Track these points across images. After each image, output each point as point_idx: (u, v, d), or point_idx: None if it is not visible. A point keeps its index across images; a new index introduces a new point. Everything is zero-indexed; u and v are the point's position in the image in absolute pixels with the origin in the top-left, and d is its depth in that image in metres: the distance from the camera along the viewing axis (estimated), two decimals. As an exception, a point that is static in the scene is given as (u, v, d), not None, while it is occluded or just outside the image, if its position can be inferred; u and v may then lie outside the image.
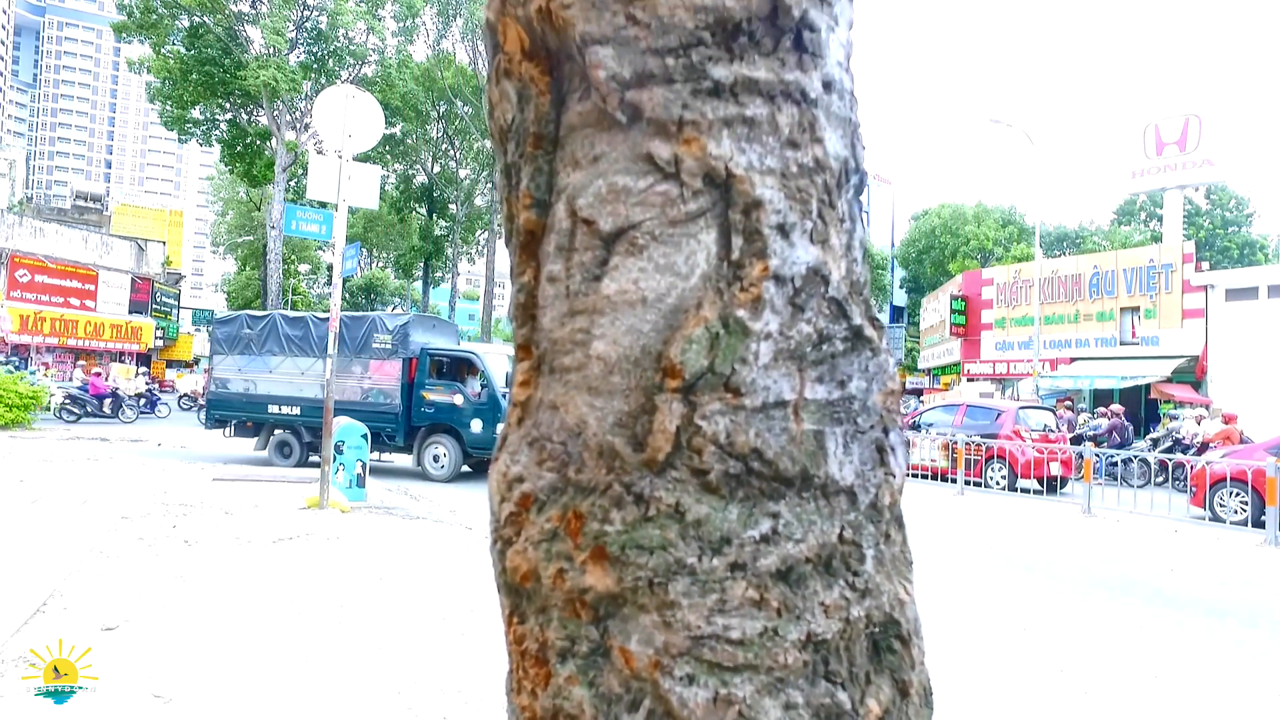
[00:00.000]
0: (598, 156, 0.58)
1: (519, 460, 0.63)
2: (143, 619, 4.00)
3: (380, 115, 7.89)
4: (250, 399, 12.34)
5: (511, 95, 0.63)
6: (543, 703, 0.60)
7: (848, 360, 0.60)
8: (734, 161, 0.56)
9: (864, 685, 0.59)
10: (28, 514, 6.52)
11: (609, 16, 0.54)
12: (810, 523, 0.58)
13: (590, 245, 0.58)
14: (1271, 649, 4.75)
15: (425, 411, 11.29)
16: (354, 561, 5.53)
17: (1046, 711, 3.63)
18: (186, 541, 5.88)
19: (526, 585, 0.62)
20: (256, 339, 12.42)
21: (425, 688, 3.32)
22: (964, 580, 6.31)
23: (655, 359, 0.56)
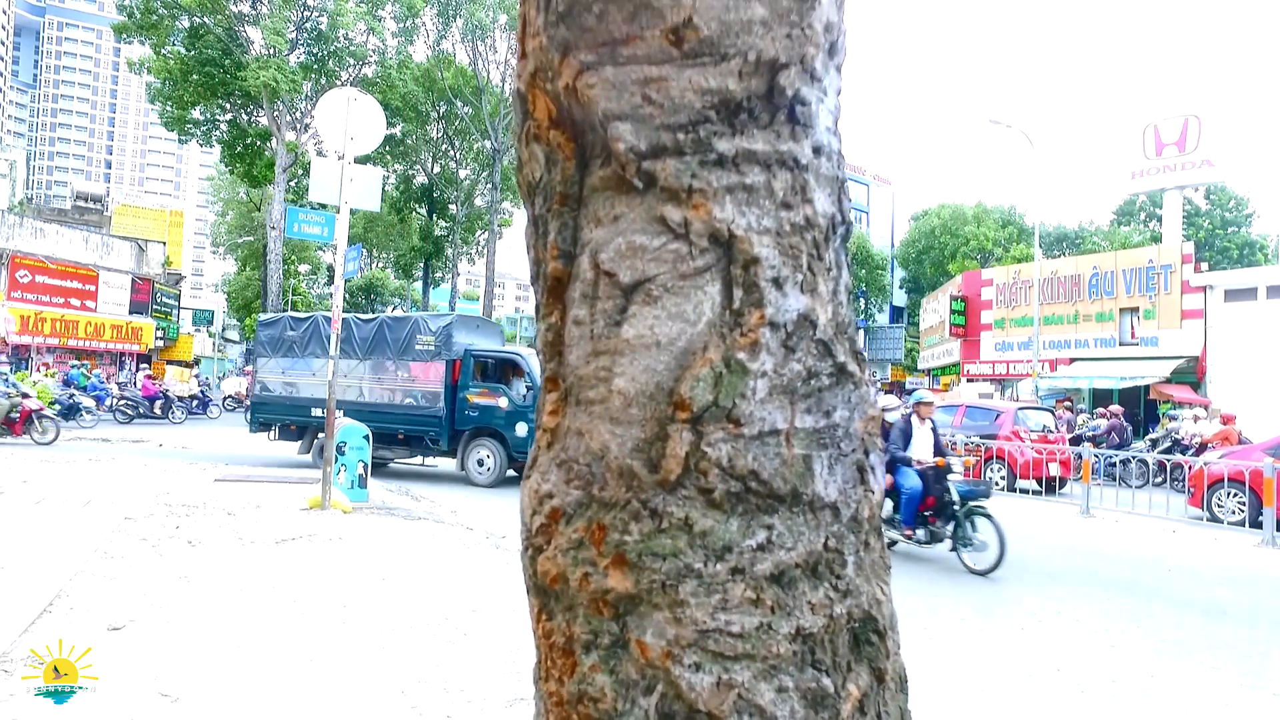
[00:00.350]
0: (618, 216, 0.66)
1: (549, 479, 0.72)
2: (148, 619, 4.03)
3: (382, 118, 7.93)
4: (293, 402, 12.17)
5: (540, 157, 0.71)
6: (569, 689, 0.68)
7: (833, 393, 0.68)
8: (735, 223, 0.64)
9: (845, 672, 0.68)
10: (32, 514, 6.55)
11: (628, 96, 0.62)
12: (800, 533, 0.68)
13: (611, 294, 0.66)
14: (1268, 649, 4.79)
15: (469, 415, 10.96)
16: (356, 562, 5.56)
17: (1043, 710, 3.67)
18: (190, 542, 5.91)
19: (555, 587, 0.70)
20: (299, 341, 12.29)
21: (429, 687, 3.35)
22: (961, 580, 6.34)
23: (668, 394, 0.65)
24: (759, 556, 0.66)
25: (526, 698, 3.29)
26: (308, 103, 39.98)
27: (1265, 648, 4.81)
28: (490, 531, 7.40)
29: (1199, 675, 4.26)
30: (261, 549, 5.79)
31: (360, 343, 11.76)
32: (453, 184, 50.13)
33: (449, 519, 7.95)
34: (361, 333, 11.81)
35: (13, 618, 3.82)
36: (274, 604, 4.42)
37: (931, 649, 4.50)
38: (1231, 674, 4.30)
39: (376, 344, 11.65)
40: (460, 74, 43.97)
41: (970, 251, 48.72)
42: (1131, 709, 3.73)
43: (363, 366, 11.78)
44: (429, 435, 11.14)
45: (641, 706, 0.65)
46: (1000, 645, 4.64)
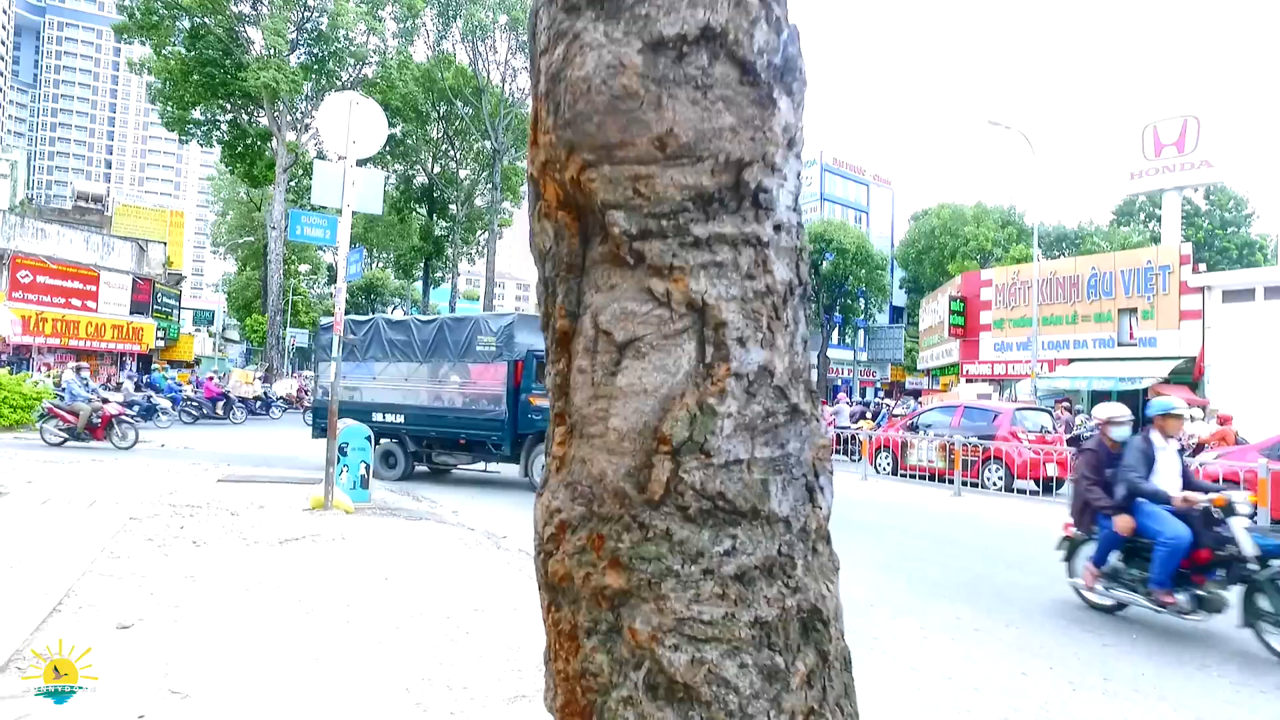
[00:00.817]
0: (614, 286, 0.78)
1: (558, 497, 0.85)
2: (156, 618, 4.10)
3: (384, 121, 8.00)
4: (355, 407, 11.65)
5: (550, 231, 0.84)
6: (574, 667, 0.82)
7: (786, 429, 0.81)
8: (708, 294, 0.77)
9: (795, 653, 0.80)
10: (38, 515, 6.62)
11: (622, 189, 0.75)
12: (758, 542, 0.82)
13: (608, 349, 0.79)
14: (1258, 648, 4.85)
15: (532, 418, 10.35)
16: (359, 562, 5.63)
17: (1035, 706, 3.73)
18: (195, 542, 5.98)
19: (562, 584, 0.84)
20: (360, 345, 11.96)
21: (433, 684, 3.42)
22: (958, 581, 6.41)
23: (653, 431, 0.78)
24: (725, 560, 0.80)
25: (528, 694, 3.36)
26: (308, 103, 40.06)
27: (1254, 647, 4.88)
28: (491, 532, 7.47)
29: (1189, 673, 4.33)
30: (265, 549, 5.86)
31: (420, 345, 11.43)
32: (453, 184, 50.19)
33: (450, 519, 8.02)
34: (421, 335, 11.48)
35: (24, 616, 3.89)
36: (279, 603, 4.49)
37: (924, 645, 4.57)
38: (1221, 672, 4.37)
39: (437, 346, 11.29)
40: (460, 74, 44.01)
41: (970, 252, 48.80)
42: (1121, 706, 3.79)
43: (423, 370, 11.41)
44: (491, 440, 10.61)
45: (632, 680, 0.79)
46: (995, 643, 4.71)
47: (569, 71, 0.79)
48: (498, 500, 9.76)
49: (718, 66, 0.78)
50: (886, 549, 7.59)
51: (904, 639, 4.73)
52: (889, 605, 5.49)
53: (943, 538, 8.41)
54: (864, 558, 7.14)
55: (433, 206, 50.84)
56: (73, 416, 12.95)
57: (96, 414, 13.06)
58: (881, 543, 7.88)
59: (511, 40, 43.68)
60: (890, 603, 5.56)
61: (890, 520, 9.35)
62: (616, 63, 0.76)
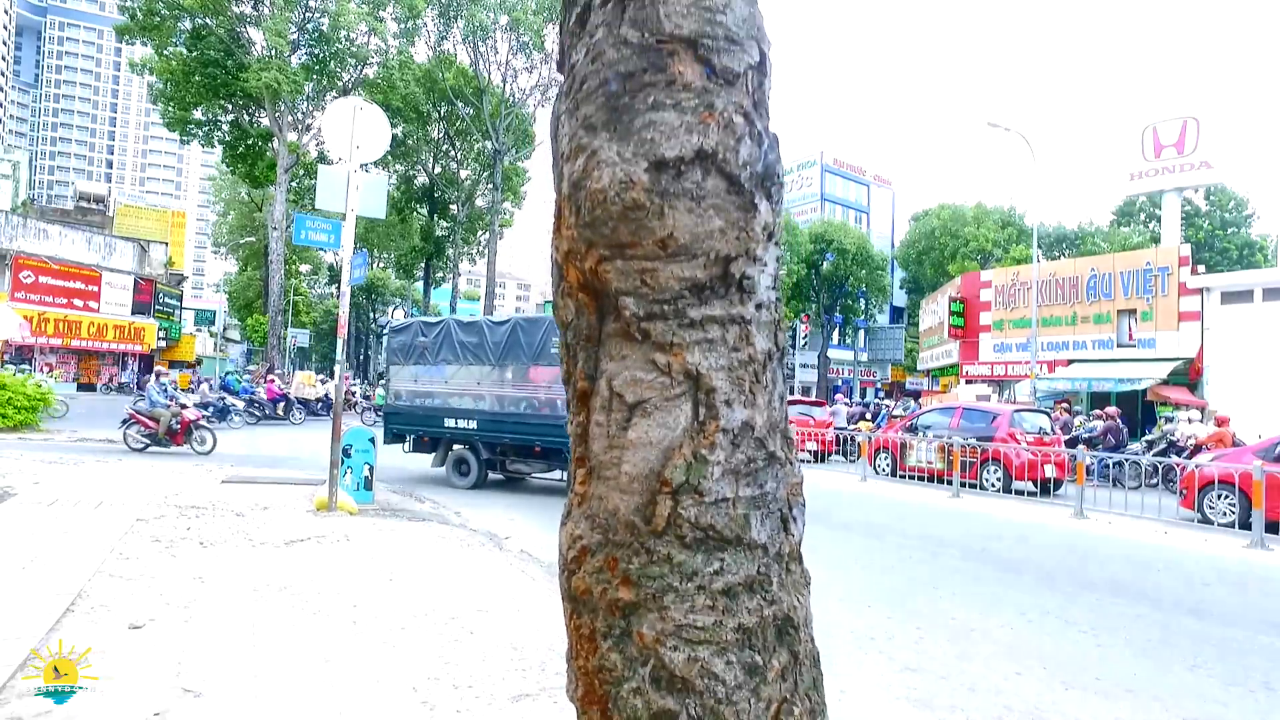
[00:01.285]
0: (624, 356, 0.94)
1: (580, 526, 1.02)
2: (166, 618, 4.19)
3: (387, 126, 8.08)
4: (426, 412, 11.49)
5: (571, 308, 1.00)
6: (592, 663, 1.00)
7: (765, 472, 0.98)
8: (700, 365, 0.93)
9: (771, 652, 0.97)
10: (46, 516, 6.70)
11: (632, 280, 0.91)
12: (741, 564, 0.99)
13: (620, 408, 0.95)
14: (1249, 647, 4.94)
15: None
16: (364, 563, 5.71)
17: (1028, 704, 3.81)
18: (202, 543, 6.06)
19: (583, 597, 1.00)
20: (431, 347, 11.56)
21: (439, 684, 3.51)
22: (955, 581, 6.49)
23: (657, 475, 0.95)
24: (715, 578, 0.97)
25: (532, 693, 3.44)
26: (309, 104, 40.16)
27: (1246, 646, 4.96)
28: (493, 533, 7.56)
29: (1180, 672, 4.41)
30: (272, 550, 5.94)
31: (493, 348, 10.93)
32: (454, 184, 50.27)
33: (453, 520, 8.11)
34: (494, 337, 10.97)
35: (39, 616, 3.97)
36: (287, 604, 4.57)
37: (920, 644, 4.65)
38: (1212, 671, 4.44)
39: (510, 349, 10.78)
40: (461, 75, 44.08)
41: (970, 253, 48.85)
42: (1112, 705, 3.87)
43: (496, 374, 10.92)
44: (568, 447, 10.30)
45: (640, 674, 0.95)
46: (989, 643, 4.78)
47: (589, 183, 0.94)
48: (499, 503, 9.84)
49: (709, 180, 0.93)
50: (885, 549, 7.67)
51: (900, 639, 4.81)
52: (886, 605, 5.57)
53: (941, 538, 8.49)
54: (863, 558, 7.22)
55: (434, 207, 50.94)
56: (153, 422, 13.00)
57: (175, 419, 13.16)
58: (880, 543, 7.95)
59: (512, 41, 43.77)
60: (887, 602, 5.64)
61: (889, 521, 9.42)
62: (627, 179, 0.92)
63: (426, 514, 8.25)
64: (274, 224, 39.74)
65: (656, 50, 0.95)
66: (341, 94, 39.58)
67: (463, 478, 11.10)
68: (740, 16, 0.99)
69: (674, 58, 0.95)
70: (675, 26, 0.95)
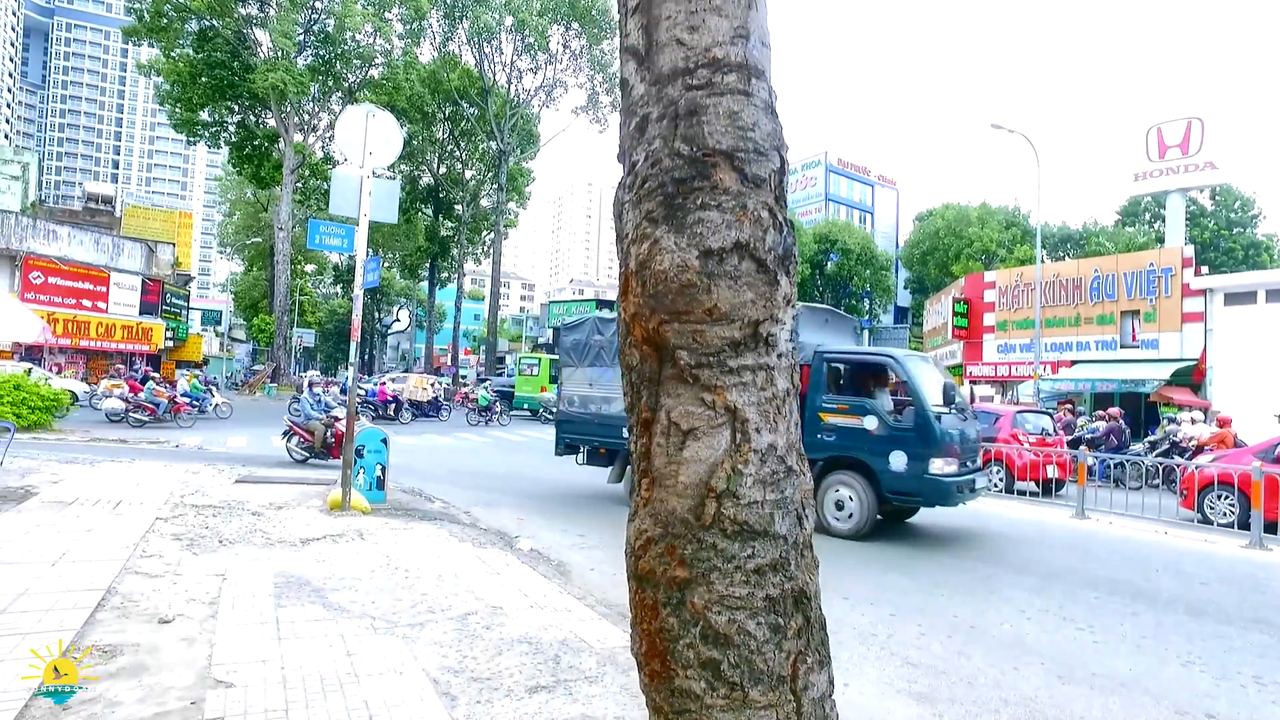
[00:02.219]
0: (679, 394, 1.19)
1: (645, 522, 1.26)
2: (193, 614, 4.35)
3: (399, 132, 8.24)
4: (602, 420, 10.24)
5: (637, 356, 1.24)
6: (654, 626, 1.23)
7: (784, 482, 1.22)
8: (737, 402, 1.18)
9: (790, 616, 1.21)
10: (68, 514, 6.87)
11: (685, 338, 1.16)
12: (768, 550, 1.25)
13: (677, 434, 1.19)
14: (1243, 644, 5.06)
15: (823, 439, 8.41)
16: (380, 561, 5.87)
17: (1024, 698, 3.95)
18: (221, 541, 6.23)
19: (648, 576, 1.26)
20: (609, 346, 10.31)
21: (459, 676, 3.66)
22: (957, 580, 6.62)
23: (705, 484, 1.19)
24: (748, 561, 1.24)
25: (548, 685, 3.59)
26: (315, 104, 40.40)
27: (1240, 643, 5.09)
28: (503, 532, 7.71)
29: (1174, 667, 4.54)
30: (290, 548, 6.10)
31: None
32: (458, 185, 50.47)
33: (463, 519, 8.26)
34: None
35: (74, 611, 4.13)
36: (308, 600, 4.73)
37: (922, 640, 4.79)
38: (1205, 666, 4.57)
39: None
40: (466, 75, 44.26)
41: (974, 253, 48.87)
42: (1106, 699, 4.01)
43: None
44: None
45: (692, 632, 1.20)
46: (989, 639, 4.92)
47: (653, 264, 1.20)
48: (508, 503, 9.98)
49: (743, 264, 1.18)
50: (888, 549, 7.80)
51: (902, 635, 4.94)
52: (889, 603, 5.71)
53: (943, 538, 8.62)
54: (867, 557, 7.35)
55: (438, 207, 51.16)
56: (309, 435, 12.43)
57: (330, 432, 12.38)
58: (884, 542, 8.08)
59: (517, 42, 43.93)
60: (890, 601, 5.78)
61: (892, 520, 9.54)
62: (683, 264, 1.17)
63: (438, 513, 8.40)
64: (280, 224, 39.99)
65: (703, 161, 1.21)
66: (347, 95, 39.84)
67: None
68: (766, 132, 1.25)
69: (716, 167, 1.21)
70: (716, 142, 1.21)
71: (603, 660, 3.99)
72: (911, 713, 3.76)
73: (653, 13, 1.27)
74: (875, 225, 66.33)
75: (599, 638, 4.36)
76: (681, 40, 1.24)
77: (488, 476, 12.31)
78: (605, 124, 45.27)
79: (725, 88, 1.23)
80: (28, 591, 4.44)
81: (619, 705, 3.43)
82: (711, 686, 1.20)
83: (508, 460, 11.69)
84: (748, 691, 1.20)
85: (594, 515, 9.15)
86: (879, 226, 66.78)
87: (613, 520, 8.89)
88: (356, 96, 40.06)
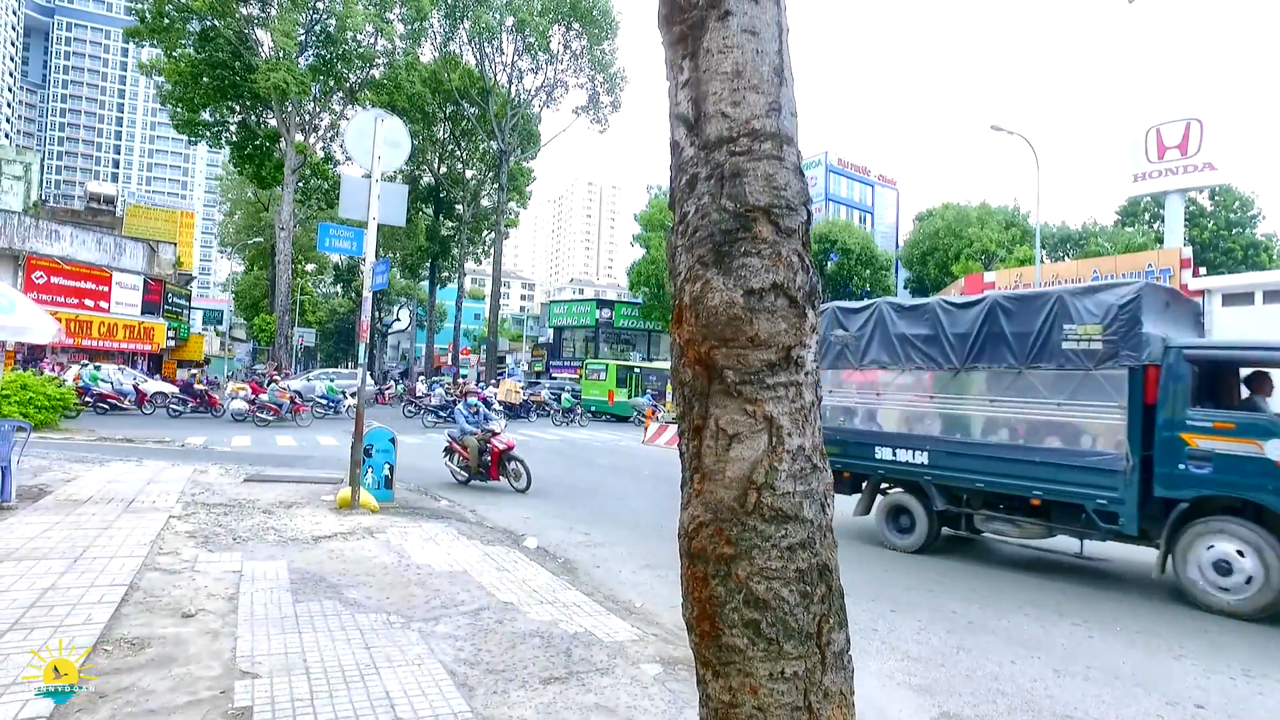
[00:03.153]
0: (726, 406, 1.38)
1: (697, 510, 1.47)
2: (213, 608, 4.48)
3: (407, 136, 8.36)
4: (847, 437, 8.33)
5: (689, 374, 1.45)
6: (704, 594, 1.44)
7: (811, 476, 1.43)
8: (773, 412, 1.39)
9: (816, 585, 1.41)
10: (83, 513, 6.99)
11: (731, 360, 1.36)
12: (798, 532, 1.46)
13: (724, 438, 1.39)
14: (1235, 637, 5.19)
15: (1190, 471, 6.08)
16: (392, 558, 6.00)
17: (1020, 689, 4.08)
18: (235, 539, 6.36)
19: (699, 553, 1.46)
20: (854, 344, 8.43)
21: (475, 669, 3.79)
22: (956, 579, 6.75)
23: (748, 478, 1.40)
24: (782, 540, 1.47)
25: (561, 677, 3.72)
26: (316, 105, 40.50)
27: (1230, 638, 5.22)
28: (510, 531, 7.84)
29: (1166, 661, 4.67)
30: (303, 545, 6.23)
31: (955, 342, 7.51)
32: (459, 184, 50.58)
33: (469, 518, 8.38)
34: (957, 326, 7.52)
35: (100, 606, 4.26)
36: (323, 595, 4.86)
37: (921, 635, 4.92)
38: (1196, 660, 4.70)
39: (985, 343, 7.29)
40: (467, 75, 44.35)
41: (974, 253, 49.00)
42: (1099, 691, 4.14)
43: (962, 381, 7.49)
44: (1094, 503, 6.44)
45: (736, 599, 1.42)
46: (988, 635, 5.05)
47: (705, 300, 1.44)
48: (510, 501, 10.10)
49: (778, 301, 1.42)
50: (886, 549, 7.92)
51: (902, 631, 5.08)
52: (889, 600, 5.84)
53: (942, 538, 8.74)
54: (867, 555, 7.48)
55: (439, 207, 51.25)
56: (464, 451, 11.05)
57: (485, 449, 10.99)
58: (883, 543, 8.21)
59: (518, 42, 44.05)
60: (891, 598, 5.91)
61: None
62: (730, 301, 1.41)
63: (444, 511, 8.53)
64: (281, 224, 40.07)
65: (745, 216, 1.45)
66: (348, 95, 39.96)
67: (902, 535, 7.86)
68: (795, 190, 1.50)
69: (756, 221, 1.45)
70: (756, 200, 1.45)
71: (612, 653, 4.12)
72: (912, 704, 3.89)
73: (701, 89, 1.49)
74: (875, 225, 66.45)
75: (608, 632, 4.49)
76: (726, 113, 1.47)
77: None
78: (606, 124, 45.38)
79: (762, 154, 1.46)
80: (54, 587, 4.57)
81: (630, 695, 3.56)
82: (753, 642, 1.43)
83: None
84: (782, 645, 1.43)
85: (597, 515, 9.27)
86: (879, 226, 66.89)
87: (615, 520, 9.02)
88: (358, 96, 40.21)
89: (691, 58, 1.52)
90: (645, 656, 4.11)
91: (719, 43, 1.49)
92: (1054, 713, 3.83)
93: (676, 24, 1.55)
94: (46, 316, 7.09)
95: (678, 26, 1.55)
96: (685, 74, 1.53)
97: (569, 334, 59.05)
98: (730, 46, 1.48)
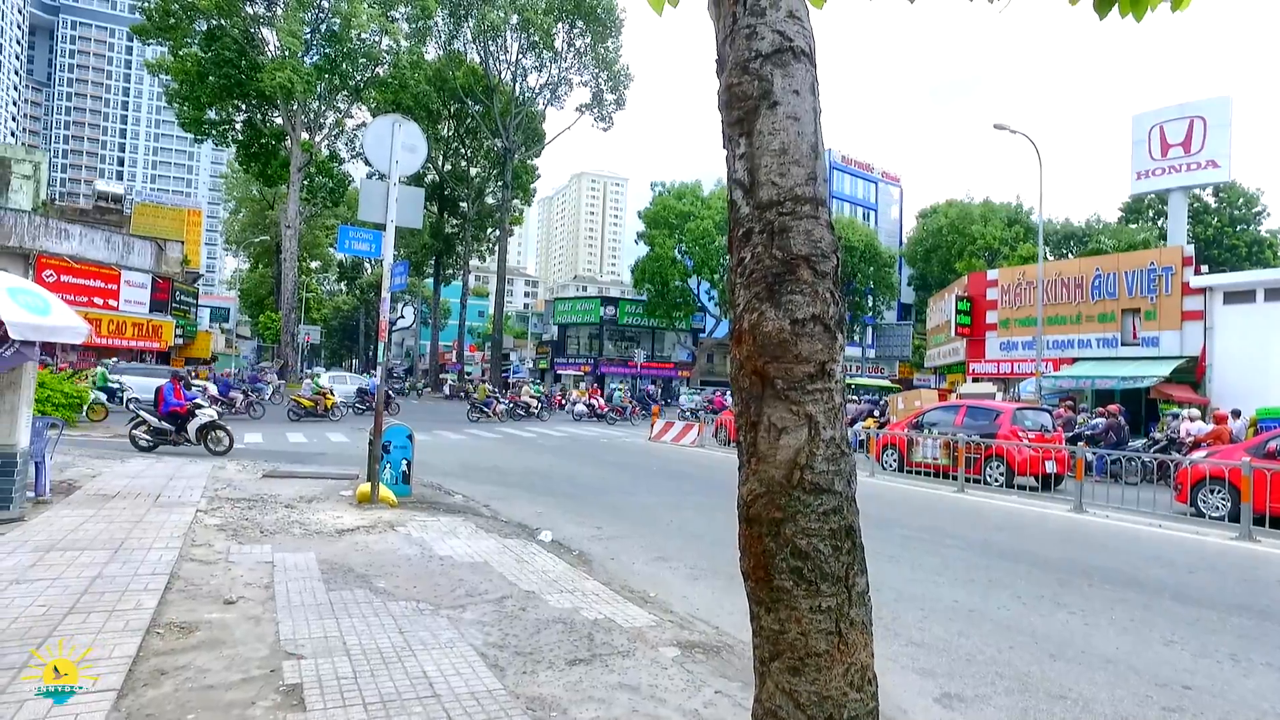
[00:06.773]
0: (775, 406, 1.69)
1: (754, 484, 1.78)
2: (252, 596, 4.72)
3: (424, 140, 8.59)
4: None
5: (745, 381, 1.75)
6: (759, 549, 1.78)
7: (840, 459, 1.73)
8: (812, 411, 1.71)
9: (844, 540, 1.73)
10: (113, 507, 7.25)
11: (780, 371, 1.69)
12: (831, 501, 1.79)
13: (775, 431, 1.71)
14: (1222, 625, 5.41)
15: None
16: (415, 549, 6.24)
17: (1016, 672, 4.30)
18: (263, 532, 6.61)
19: (755, 517, 1.78)
20: None
21: (504, 651, 4.02)
22: (957, 569, 6.98)
23: (793, 460, 1.71)
24: (819, 507, 1.79)
25: (585, 659, 3.96)
26: (321, 103, 40.73)
27: (1219, 625, 5.44)
28: (524, 524, 8.07)
29: (1157, 647, 4.89)
30: (328, 538, 6.48)
31: None
32: (463, 182, 50.79)
33: (484, 513, 8.62)
34: None
35: (146, 594, 4.51)
36: (355, 584, 5.10)
37: (924, 623, 5.14)
38: (1186, 646, 4.92)
39: None
40: (471, 73, 44.52)
41: (977, 250, 49.09)
42: (1093, 674, 4.36)
43: None
44: None
45: (784, 551, 1.73)
46: (987, 622, 5.28)
47: (760, 328, 1.77)
48: (524, 497, 10.34)
49: (817, 328, 1.74)
50: (891, 540, 8.15)
51: (905, 619, 5.30)
52: (893, 590, 6.06)
53: (945, 530, 8.97)
54: (871, 548, 7.69)
55: (443, 204, 51.45)
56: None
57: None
58: (887, 535, 8.43)
59: (522, 40, 44.18)
60: (894, 588, 6.13)
61: (896, 514, 9.90)
62: (780, 328, 1.74)
63: (460, 506, 8.77)
64: (287, 222, 40.36)
65: (790, 263, 1.81)
66: (353, 93, 40.18)
67: None
68: (828, 242, 1.85)
69: (799, 267, 1.78)
70: (798, 250, 1.80)
71: (632, 638, 4.36)
72: (916, 685, 4.12)
73: (754, 161, 1.88)
74: (879, 222, 66.51)
75: (626, 618, 4.73)
76: (775, 182, 1.85)
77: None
78: (610, 122, 45.54)
79: (803, 214, 1.84)
80: (101, 575, 4.82)
81: (651, 675, 3.79)
82: (796, 584, 1.79)
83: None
84: (819, 586, 1.78)
85: (608, 509, 9.50)
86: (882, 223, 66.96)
87: (625, 515, 9.25)
88: (363, 95, 40.44)
89: (747, 136, 1.90)
90: (663, 640, 4.35)
91: (769, 126, 1.87)
92: (1049, 693, 4.05)
93: (735, 109, 1.93)
94: (77, 317, 7.32)
95: (736, 111, 1.93)
96: (742, 148, 1.92)
97: (573, 331, 59.25)
98: (778, 129, 1.87)
